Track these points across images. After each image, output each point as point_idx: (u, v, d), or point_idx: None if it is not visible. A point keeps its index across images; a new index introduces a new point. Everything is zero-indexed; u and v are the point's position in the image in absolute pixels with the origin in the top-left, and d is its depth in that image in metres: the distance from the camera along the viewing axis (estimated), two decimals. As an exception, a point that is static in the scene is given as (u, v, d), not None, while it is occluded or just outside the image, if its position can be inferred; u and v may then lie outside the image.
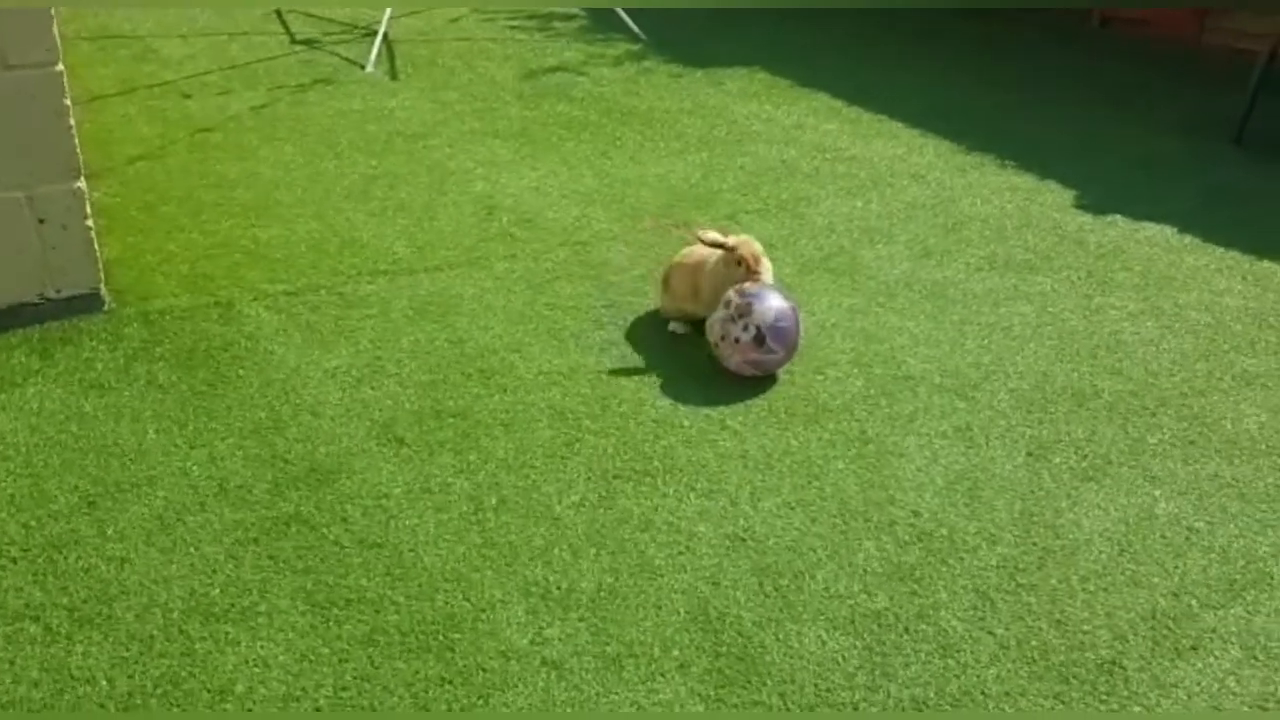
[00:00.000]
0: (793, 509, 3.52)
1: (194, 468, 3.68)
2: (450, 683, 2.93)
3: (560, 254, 4.93)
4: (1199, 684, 2.92)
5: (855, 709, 2.85)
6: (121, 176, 5.75)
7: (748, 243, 4.25)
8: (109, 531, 3.41)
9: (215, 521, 3.46)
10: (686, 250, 4.43)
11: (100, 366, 4.16)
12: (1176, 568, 3.27)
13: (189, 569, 3.29)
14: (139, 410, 3.94)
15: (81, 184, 4.30)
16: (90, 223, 4.39)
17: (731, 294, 4.10)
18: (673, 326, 4.45)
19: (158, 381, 4.09)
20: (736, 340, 4.04)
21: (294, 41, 8.39)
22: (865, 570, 3.29)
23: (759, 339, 4.00)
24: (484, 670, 2.97)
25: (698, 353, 4.29)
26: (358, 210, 5.30)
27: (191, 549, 3.36)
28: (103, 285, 4.51)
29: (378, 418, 3.90)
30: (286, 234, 5.14)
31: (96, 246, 4.45)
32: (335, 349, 4.27)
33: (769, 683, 2.93)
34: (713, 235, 4.25)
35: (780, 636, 3.07)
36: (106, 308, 4.50)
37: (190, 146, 6.16)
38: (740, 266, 4.19)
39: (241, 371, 4.15)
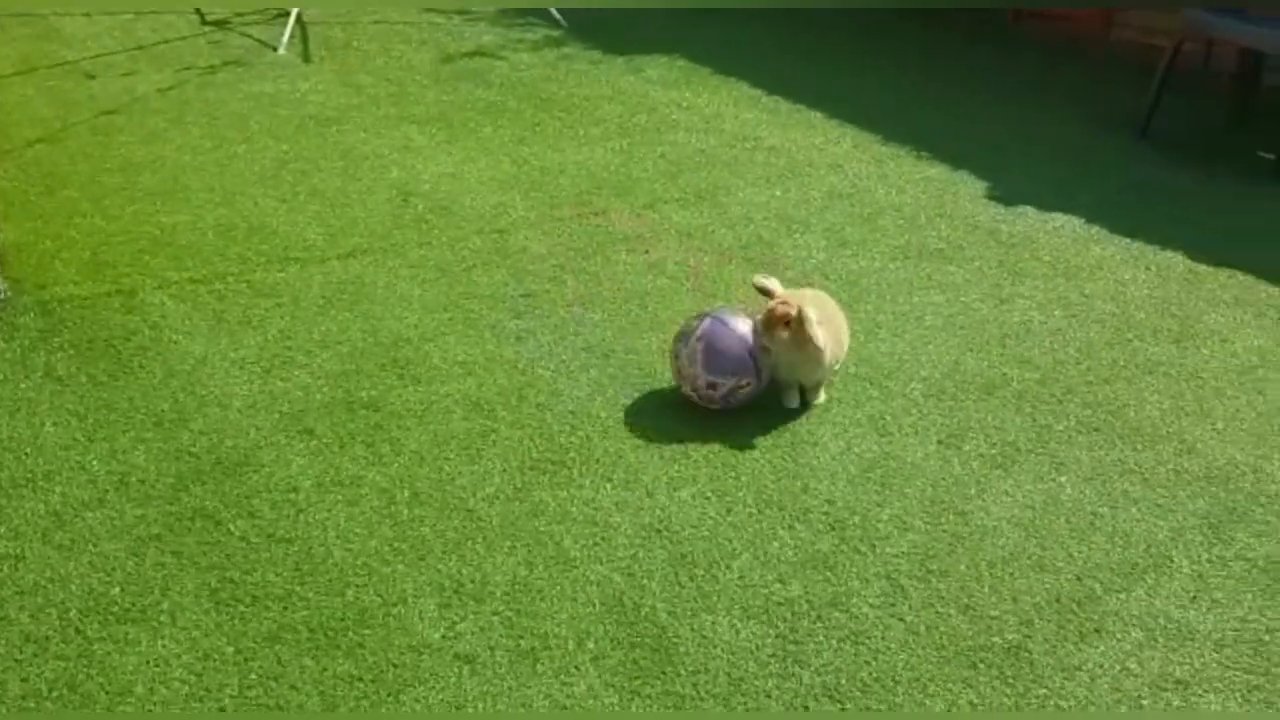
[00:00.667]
0: (709, 499, 3.52)
1: (94, 462, 3.56)
2: (360, 679, 2.87)
3: (476, 242, 4.87)
4: (1102, 666, 2.99)
5: (768, 696, 2.87)
6: (19, 159, 5.53)
7: (789, 300, 3.75)
8: (2, 529, 3.28)
9: (116, 518, 3.35)
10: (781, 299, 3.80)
11: (-6, 357, 4.00)
12: (1081, 552, 3.35)
13: (87, 567, 3.17)
14: (35, 403, 3.80)
15: (-28, 167, 4.12)
16: (-17, 207, 4.22)
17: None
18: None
19: (55, 373, 3.95)
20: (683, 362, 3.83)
21: (204, 22, 8.15)
22: (779, 559, 3.31)
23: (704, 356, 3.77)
24: (395, 666, 2.92)
25: (614, 344, 4.27)
26: (268, 196, 5.17)
27: (90, 546, 3.24)
28: (-3, 273, 4.34)
29: (287, 409, 3.81)
30: (194, 220, 5.00)
31: (-10, 232, 4.28)
32: (243, 338, 4.16)
33: (683, 673, 2.93)
34: (768, 283, 3.83)
35: (695, 626, 3.07)
36: (1, 296, 4.33)
37: (93, 129, 5.95)
38: (780, 327, 3.72)
39: (144, 362, 4.03)
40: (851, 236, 5.12)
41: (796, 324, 3.66)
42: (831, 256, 4.95)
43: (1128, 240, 5.13)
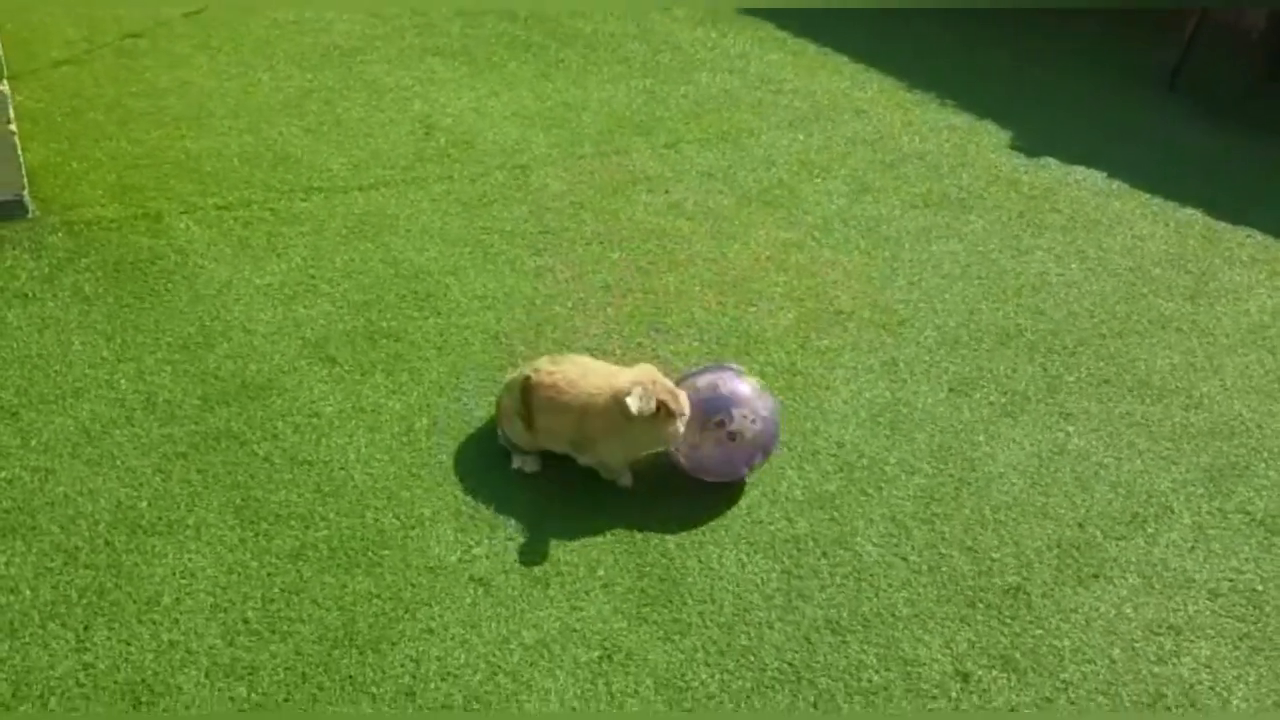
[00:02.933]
0: (720, 436, 3.58)
1: (121, 381, 3.64)
2: (378, 597, 2.98)
3: (498, 177, 4.90)
4: (1098, 610, 3.07)
5: (771, 628, 2.96)
6: (45, 80, 5.55)
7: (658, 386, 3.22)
8: (33, 443, 3.38)
9: (143, 435, 3.44)
10: (547, 371, 3.34)
11: (24, 276, 4.07)
12: (1083, 500, 3.42)
13: (116, 482, 3.27)
14: (64, 321, 3.88)
15: (4, 86, 4.16)
16: (14, 126, 4.25)
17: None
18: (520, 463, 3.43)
19: (83, 293, 4.02)
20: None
21: (229, -54, 8.07)
22: (788, 498, 3.38)
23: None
24: (412, 585, 3.02)
25: (632, 283, 4.31)
26: (292, 125, 5.20)
27: (118, 462, 3.34)
28: (26, 192, 4.39)
29: (310, 336, 3.88)
30: (219, 146, 5.03)
31: (19, 152, 4.32)
32: (267, 265, 4.22)
33: (689, 602, 3.03)
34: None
35: (702, 559, 3.16)
36: (30, 215, 4.39)
37: (119, 52, 5.95)
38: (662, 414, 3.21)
39: (171, 285, 4.09)
40: (873, 183, 5.13)
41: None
42: (852, 203, 4.96)
43: (1148, 196, 5.12)
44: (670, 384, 3.25)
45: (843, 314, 4.21)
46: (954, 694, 2.81)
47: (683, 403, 3.22)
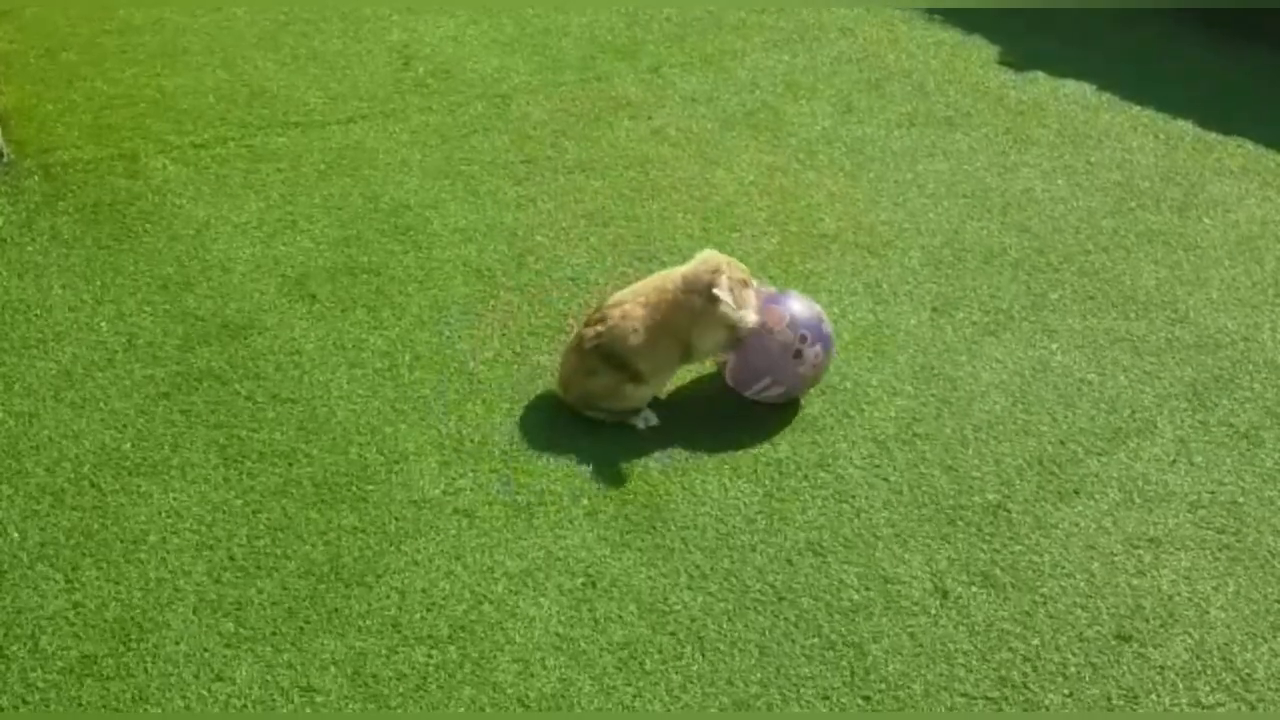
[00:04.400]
0: (704, 363, 3.58)
1: (102, 324, 3.64)
2: (363, 531, 3.01)
3: (478, 107, 4.83)
4: (1078, 525, 3.09)
5: (754, 550, 2.99)
6: (18, 21, 5.46)
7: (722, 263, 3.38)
8: (15, 387, 3.39)
9: (125, 377, 3.45)
10: (597, 319, 3.33)
11: (1, 221, 4.05)
12: (1066, 417, 3.42)
13: (99, 424, 3.29)
14: (43, 266, 3.86)
15: (-31, 27, 4.09)
16: (-18, 69, 4.20)
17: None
18: (645, 418, 3.39)
19: (62, 236, 4.00)
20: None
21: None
22: (769, 422, 3.39)
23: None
24: (397, 519, 3.05)
25: (614, 211, 4.28)
26: (268, 59, 5.12)
27: (101, 404, 3.35)
28: (0, 136, 4.35)
29: (290, 274, 3.87)
30: (194, 84, 4.96)
31: (-10, 95, 4.27)
32: (245, 203, 4.19)
33: (672, 527, 3.05)
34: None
35: (685, 485, 3.18)
36: (5, 159, 4.35)
37: (90, -12, 5.85)
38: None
39: (149, 226, 4.07)
40: (858, 103, 5.05)
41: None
42: (837, 124, 4.90)
43: (1139, 108, 5.04)
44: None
45: (826, 237, 4.18)
46: (933, 610, 2.84)
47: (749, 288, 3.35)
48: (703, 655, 2.73)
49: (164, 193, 4.23)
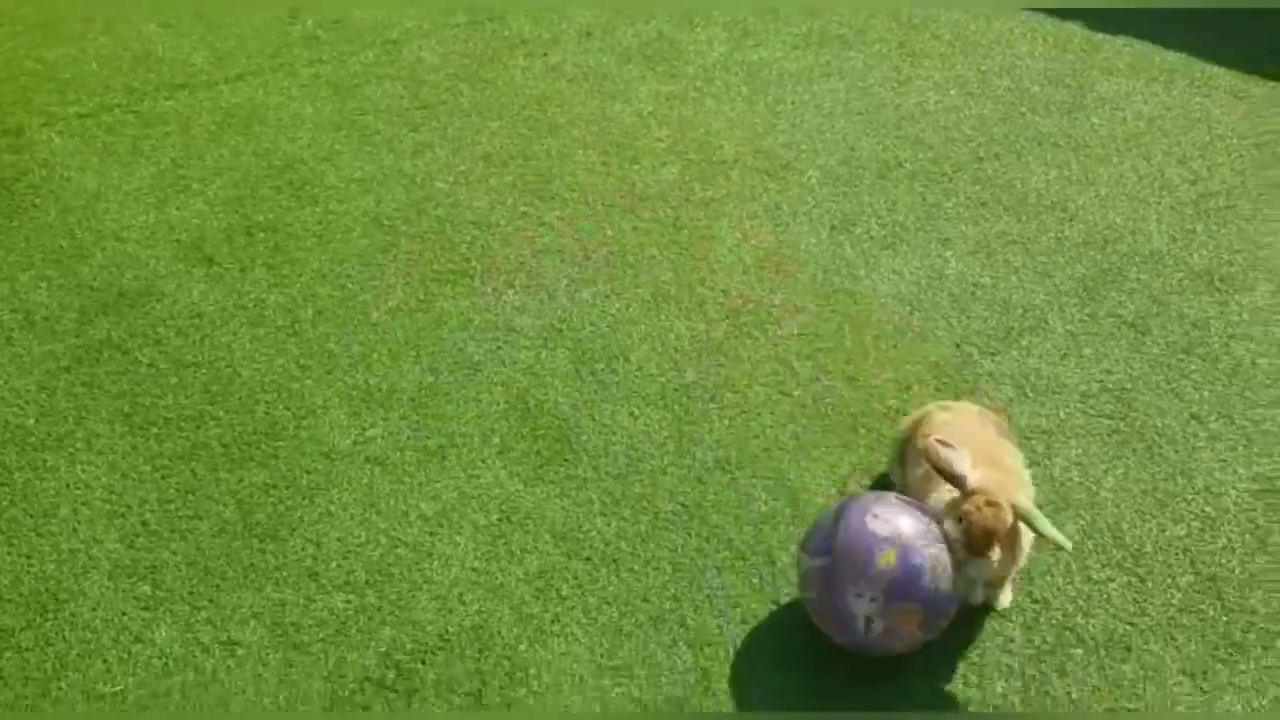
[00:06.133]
0: (609, 298, 3.62)
1: (-5, 303, 3.58)
2: (275, 487, 3.02)
3: (369, 55, 4.77)
4: (975, 423, 3.19)
5: (664, 474, 3.05)
6: (-117, -2, 5.27)
7: (996, 499, 2.44)
8: (-91, 373, 3.34)
9: (24, 354, 3.40)
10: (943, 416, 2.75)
11: (-119, 206, 3.95)
12: (961, 321, 3.52)
13: (0, 403, 3.25)
14: (-71, 248, 3.78)
15: None
16: None
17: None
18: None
19: (-54, 217, 3.91)
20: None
21: None
22: (676, 349, 3.44)
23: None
24: (308, 473, 3.06)
25: (513, 152, 4.26)
26: (150, 20, 5.00)
27: (1, 383, 3.31)
28: (-128, 119, 4.22)
29: (185, 238, 3.82)
30: (76, 52, 4.84)
31: None
32: (135, 170, 4.12)
33: (584, 458, 3.10)
34: (954, 459, 2.46)
35: (595, 417, 3.23)
36: (-119, 143, 4.23)
37: (-41, -40, 5.64)
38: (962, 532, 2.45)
39: (38, 200, 3.99)
40: (753, 27, 5.06)
41: (1012, 531, 2.47)
42: (733, 49, 4.91)
43: (1027, 13, 5.11)
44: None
45: (725, 163, 4.21)
46: (839, 516, 2.93)
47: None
48: (618, 576, 2.80)
49: (51, 165, 4.14)
